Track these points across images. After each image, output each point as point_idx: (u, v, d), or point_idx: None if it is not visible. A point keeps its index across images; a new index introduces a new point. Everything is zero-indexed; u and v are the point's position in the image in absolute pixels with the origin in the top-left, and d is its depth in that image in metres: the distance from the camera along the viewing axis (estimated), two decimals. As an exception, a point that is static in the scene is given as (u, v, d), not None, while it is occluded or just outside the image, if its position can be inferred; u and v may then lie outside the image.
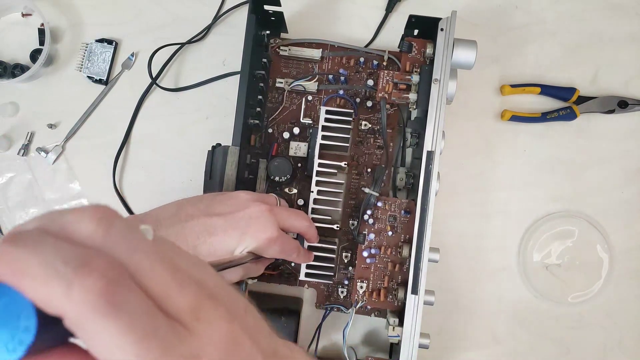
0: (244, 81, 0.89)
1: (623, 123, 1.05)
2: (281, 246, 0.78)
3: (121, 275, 0.33)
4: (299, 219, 0.83)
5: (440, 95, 0.86)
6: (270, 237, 0.75)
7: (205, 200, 0.78)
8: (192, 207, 0.75)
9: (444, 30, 0.87)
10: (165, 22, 1.09)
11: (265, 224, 0.75)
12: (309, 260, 0.88)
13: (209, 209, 0.75)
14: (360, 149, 0.99)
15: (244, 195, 0.79)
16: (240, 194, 0.79)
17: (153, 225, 0.71)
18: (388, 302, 0.89)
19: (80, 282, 0.30)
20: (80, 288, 0.30)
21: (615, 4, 1.06)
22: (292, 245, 0.82)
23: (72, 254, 0.32)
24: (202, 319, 0.36)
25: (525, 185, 1.05)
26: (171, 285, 0.35)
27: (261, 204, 0.77)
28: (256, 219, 0.75)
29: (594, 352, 1.03)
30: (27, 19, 1.09)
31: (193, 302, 0.36)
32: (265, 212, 0.76)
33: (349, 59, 1.01)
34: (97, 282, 0.31)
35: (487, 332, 1.04)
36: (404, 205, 0.90)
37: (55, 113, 1.07)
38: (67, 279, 0.30)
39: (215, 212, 0.75)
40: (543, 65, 1.06)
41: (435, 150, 0.85)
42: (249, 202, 0.77)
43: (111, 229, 0.34)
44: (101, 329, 0.31)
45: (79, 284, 0.30)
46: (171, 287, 0.35)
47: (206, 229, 0.72)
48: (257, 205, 0.76)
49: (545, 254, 1.04)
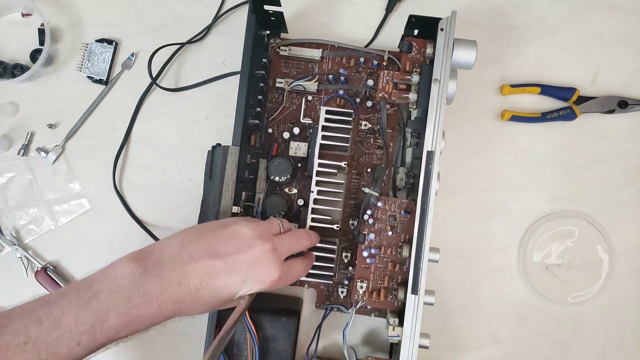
0: (244, 81, 0.89)
1: (623, 123, 1.05)
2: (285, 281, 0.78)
3: None
4: (300, 242, 0.83)
5: (440, 95, 0.85)
6: (274, 279, 0.74)
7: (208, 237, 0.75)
8: (195, 246, 0.73)
9: (444, 30, 0.87)
10: (165, 22, 1.09)
11: (269, 266, 0.74)
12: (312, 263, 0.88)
13: (211, 248, 0.73)
14: (360, 149, 0.99)
15: (247, 231, 0.76)
16: (242, 230, 0.76)
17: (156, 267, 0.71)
18: (388, 302, 0.89)
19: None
20: None
21: (615, 4, 1.06)
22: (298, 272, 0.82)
23: None
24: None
25: (525, 185, 1.05)
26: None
27: (264, 244, 0.75)
28: (259, 262, 0.74)
29: (594, 352, 1.03)
30: (27, 19, 1.09)
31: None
32: (268, 254, 0.75)
33: (349, 59, 1.01)
34: None
35: (487, 332, 1.04)
36: (404, 205, 0.89)
37: (55, 113, 1.07)
38: None
39: (217, 253, 0.72)
40: (543, 65, 1.06)
41: (435, 150, 0.85)
42: (251, 241, 0.75)
43: None
44: None
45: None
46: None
47: (208, 272, 0.71)
48: (261, 245, 0.74)
49: (545, 254, 1.04)
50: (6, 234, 1.06)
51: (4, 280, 1.06)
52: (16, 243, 1.05)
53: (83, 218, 1.06)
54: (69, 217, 1.06)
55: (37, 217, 1.06)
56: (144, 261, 0.71)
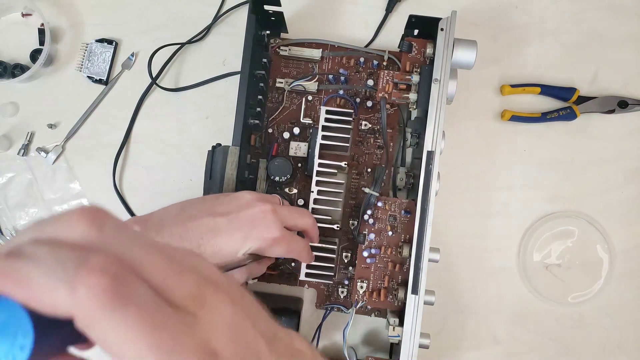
0: (244, 81, 0.89)
1: (623, 123, 1.05)
2: (287, 246, 0.78)
3: (122, 269, 0.32)
4: (302, 216, 0.83)
5: (441, 95, 0.86)
6: (274, 237, 0.75)
7: (209, 201, 0.78)
8: (195, 207, 0.75)
9: (444, 30, 0.87)
10: (165, 22, 1.09)
11: (269, 224, 0.75)
12: (312, 260, 0.88)
13: (212, 209, 0.75)
14: (360, 149, 0.99)
15: (248, 195, 0.78)
16: (244, 194, 0.78)
17: (156, 225, 0.72)
18: (388, 302, 0.89)
19: (83, 282, 0.30)
20: (83, 288, 0.30)
21: (615, 4, 1.07)
22: (300, 244, 0.82)
23: (70, 256, 0.32)
24: (206, 304, 0.36)
25: (525, 185, 1.05)
26: (170, 275, 0.35)
27: (265, 204, 0.77)
28: (260, 220, 0.75)
29: (594, 352, 1.03)
30: (27, 19, 1.09)
31: (194, 288, 0.36)
32: (268, 213, 0.76)
33: (349, 59, 1.01)
34: (99, 279, 0.31)
35: (487, 332, 1.04)
36: (404, 205, 0.89)
37: (55, 113, 1.07)
38: (69, 281, 0.30)
39: (218, 212, 0.74)
40: (543, 65, 1.06)
41: (436, 150, 0.85)
42: (252, 202, 0.76)
43: (104, 227, 0.35)
44: (111, 324, 0.31)
45: (82, 284, 0.30)
46: (171, 276, 0.35)
47: (210, 229, 0.72)
48: (261, 206, 0.76)
49: (545, 254, 1.04)
50: (6, 234, 1.06)
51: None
52: (16, 243, 1.05)
53: (83, 218, 1.06)
54: (69, 217, 1.06)
55: (37, 217, 1.06)
56: (145, 222, 0.73)
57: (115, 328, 0.31)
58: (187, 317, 0.35)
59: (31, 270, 0.31)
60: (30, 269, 0.31)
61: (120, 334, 0.31)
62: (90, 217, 0.34)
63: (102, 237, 0.34)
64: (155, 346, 0.32)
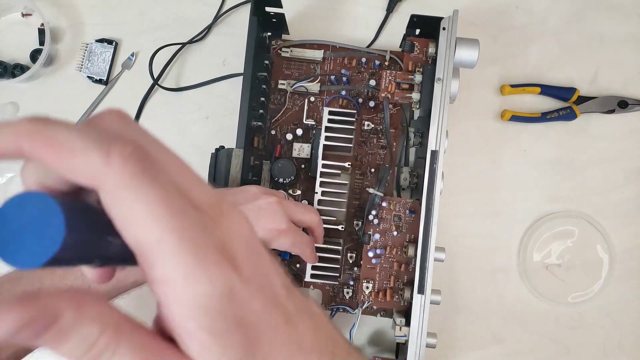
0: (246, 84, 0.89)
1: (623, 123, 1.05)
2: (292, 239, 0.78)
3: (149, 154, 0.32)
4: (308, 212, 0.83)
5: (444, 94, 0.86)
6: (279, 228, 0.76)
7: None
8: None
9: (446, 29, 0.87)
10: (165, 22, 1.08)
11: (275, 215, 0.76)
12: (315, 260, 0.88)
13: None
14: (363, 149, 0.99)
15: (254, 188, 0.79)
16: (251, 187, 0.79)
17: None
18: (394, 302, 0.89)
19: (119, 149, 0.30)
20: (118, 155, 0.30)
21: (615, 4, 1.07)
22: (304, 239, 0.82)
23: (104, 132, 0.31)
24: (226, 214, 0.35)
25: (525, 185, 1.05)
26: (194, 178, 0.34)
27: (270, 196, 0.77)
28: (266, 211, 0.76)
29: (594, 352, 1.03)
30: (27, 19, 1.08)
31: (215, 198, 0.35)
32: (274, 204, 0.76)
33: (350, 60, 1.01)
34: (134, 151, 0.30)
35: (487, 332, 1.04)
36: (409, 205, 0.90)
37: (55, 113, 1.04)
38: (105, 147, 0.30)
39: None
40: (543, 65, 1.07)
41: (440, 150, 0.85)
42: (259, 194, 0.77)
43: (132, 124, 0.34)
44: (139, 196, 0.30)
45: (118, 152, 0.30)
46: (194, 179, 0.34)
47: None
48: (267, 198, 0.77)
49: (545, 254, 1.04)
50: (6, 235, 1.05)
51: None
52: (16, 244, 1.04)
53: (83, 219, 1.06)
54: (69, 218, 1.05)
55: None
56: None
57: (142, 201, 0.30)
58: (207, 217, 0.33)
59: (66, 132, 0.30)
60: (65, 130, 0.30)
61: (147, 208, 0.30)
62: (120, 114, 0.34)
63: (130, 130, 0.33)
64: (180, 230, 0.31)
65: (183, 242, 0.31)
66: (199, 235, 0.32)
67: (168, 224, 0.30)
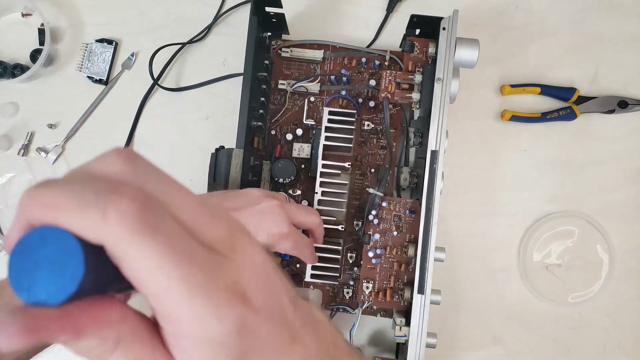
0: (246, 84, 0.89)
1: (623, 123, 1.05)
2: (294, 242, 0.78)
3: (152, 200, 0.32)
4: (310, 214, 0.83)
5: (444, 94, 0.86)
6: (281, 232, 0.75)
7: (217, 196, 0.78)
8: None
9: (446, 29, 0.87)
10: (165, 22, 1.08)
11: (277, 219, 0.75)
12: (315, 261, 0.88)
13: (221, 204, 0.75)
14: (363, 149, 0.99)
15: (255, 191, 0.79)
16: (252, 191, 0.79)
17: None
18: (394, 302, 0.89)
19: (114, 205, 0.30)
20: (114, 211, 0.30)
21: (615, 5, 1.07)
22: (305, 241, 0.82)
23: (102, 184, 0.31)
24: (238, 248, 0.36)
25: (525, 185, 1.05)
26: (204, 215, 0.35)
27: (272, 200, 0.77)
28: (267, 214, 0.75)
29: (594, 352, 1.03)
30: (27, 19, 1.08)
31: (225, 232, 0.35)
32: (276, 208, 0.76)
33: (350, 60, 1.01)
34: (130, 204, 0.30)
35: (487, 332, 1.04)
36: (409, 205, 0.89)
37: (55, 113, 1.07)
38: (101, 205, 0.30)
39: (227, 207, 0.74)
40: (543, 65, 1.07)
41: (440, 150, 0.85)
42: (260, 198, 0.77)
43: (138, 165, 0.34)
44: (141, 251, 0.30)
45: (113, 208, 0.30)
46: (202, 217, 0.34)
47: None
48: (269, 201, 0.76)
49: (545, 254, 1.04)
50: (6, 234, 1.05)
51: (4, 281, 1.05)
52: (16, 244, 1.04)
53: (83, 219, 1.06)
54: (69, 218, 1.05)
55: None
56: None
57: (145, 255, 0.30)
58: (218, 256, 0.34)
59: (62, 194, 0.31)
60: (61, 192, 0.31)
61: (150, 261, 0.31)
62: (125, 155, 0.34)
63: (136, 173, 0.34)
64: (186, 278, 0.31)
65: (192, 288, 0.31)
66: (208, 278, 0.32)
67: (174, 272, 0.31)
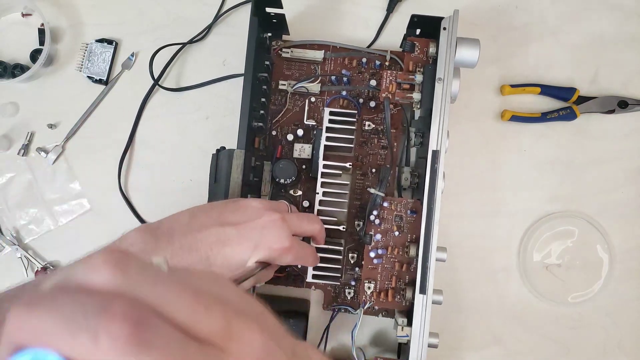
0: (247, 85, 0.89)
1: (623, 123, 1.05)
2: (295, 255, 0.77)
3: (144, 313, 0.32)
4: (311, 222, 0.83)
5: (444, 94, 0.86)
6: (283, 247, 0.74)
7: (217, 208, 0.77)
8: (205, 215, 0.74)
9: (447, 29, 0.87)
10: (165, 22, 1.08)
11: (279, 233, 0.74)
12: (317, 262, 0.88)
13: (221, 217, 0.74)
14: (364, 150, 0.99)
15: (256, 204, 0.77)
16: (252, 203, 0.78)
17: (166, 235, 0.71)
18: (396, 302, 0.88)
19: (105, 329, 0.30)
20: (106, 336, 0.29)
21: (615, 5, 1.07)
22: (307, 251, 0.82)
23: (91, 303, 0.31)
24: (235, 337, 0.35)
25: (525, 185, 1.05)
26: (197, 310, 0.34)
27: (273, 213, 0.76)
28: (269, 229, 0.74)
29: (594, 352, 1.04)
30: (27, 19, 1.08)
31: (222, 322, 0.35)
32: (277, 222, 0.75)
33: (351, 60, 1.01)
34: (121, 326, 0.30)
35: (487, 332, 1.04)
36: (410, 205, 0.89)
37: (55, 113, 1.07)
38: (92, 329, 0.30)
39: (228, 221, 0.73)
40: (543, 65, 1.07)
41: (441, 149, 0.85)
42: (261, 211, 0.76)
43: (128, 271, 0.34)
44: None
45: (104, 332, 0.30)
46: (198, 311, 0.34)
47: (219, 239, 0.71)
48: (270, 215, 0.75)
49: (545, 254, 1.04)
50: (6, 234, 1.05)
51: (4, 281, 1.05)
52: (16, 243, 1.04)
53: (83, 218, 1.06)
54: (69, 217, 1.06)
55: (37, 217, 1.06)
56: (155, 230, 0.72)
57: None
58: (215, 352, 0.34)
59: (50, 319, 0.30)
60: (48, 317, 0.30)
61: None
62: (114, 261, 0.34)
63: (127, 280, 0.33)
64: None
65: None
66: None
67: None
